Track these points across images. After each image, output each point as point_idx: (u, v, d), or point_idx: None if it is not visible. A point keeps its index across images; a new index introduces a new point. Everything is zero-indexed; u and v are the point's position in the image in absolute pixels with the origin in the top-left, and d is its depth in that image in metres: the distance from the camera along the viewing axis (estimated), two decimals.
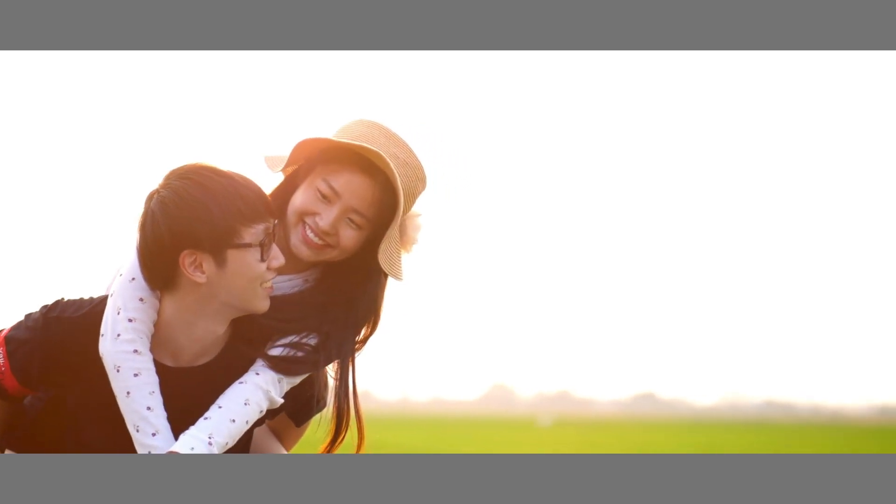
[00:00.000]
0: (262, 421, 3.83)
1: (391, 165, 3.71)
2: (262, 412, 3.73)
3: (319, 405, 3.96)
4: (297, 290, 3.87)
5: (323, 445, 3.95)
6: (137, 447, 3.65)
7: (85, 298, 3.75)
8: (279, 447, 4.12)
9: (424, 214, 3.91)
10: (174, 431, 3.66)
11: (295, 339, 3.79)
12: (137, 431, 3.64)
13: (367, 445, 3.93)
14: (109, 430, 3.69)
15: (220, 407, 3.67)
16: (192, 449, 3.58)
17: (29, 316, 3.73)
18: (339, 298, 3.85)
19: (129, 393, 3.64)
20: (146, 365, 3.65)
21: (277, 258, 3.66)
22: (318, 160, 3.79)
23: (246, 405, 3.69)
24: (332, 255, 3.80)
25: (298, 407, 3.93)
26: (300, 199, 3.78)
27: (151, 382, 3.65)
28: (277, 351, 3.76)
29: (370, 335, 3.92)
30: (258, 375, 3.72)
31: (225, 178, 3.61)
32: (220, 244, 3.58)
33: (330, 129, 3.85)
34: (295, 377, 3.78)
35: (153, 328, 3.69)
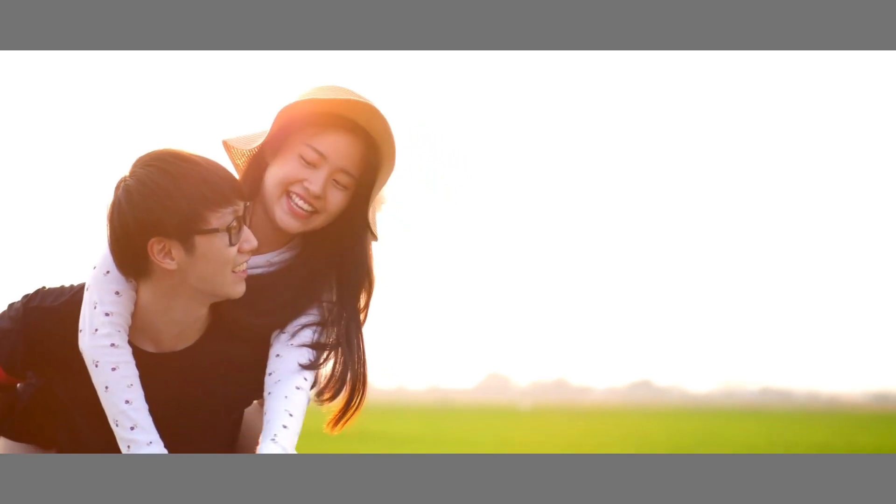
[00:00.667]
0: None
1: (382, 115, 3.69)
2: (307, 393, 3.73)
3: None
4: (276, 269, 3.84)
5: (334, 414, 3.88)
6: (118, 441, 3.64)
7: (66, 286, 3.74)
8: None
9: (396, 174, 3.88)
10: (157, 417, 3.66)
11: (304, 319, 3.76)
12: (117, 426, 3.63)
13: (362, 434, 3.92)
14: (99, 422, 3.69)
15: (290, 415, 3.65)
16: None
17: (11, 306, 3.72)
18: (325, 266, 3.82)
19: (107, 387, 3.63)
20: (124, 358, 3.63)
21: (249, 241, 3.61)
22: (291, 129, 3.74)
23: (301, 399, 3.69)
24: (318, 221, 3.77)
25: None
26: (282, 171, 3.73)
27: (130, 376, 3.63)
28: (290, 339, 3.74)
29: (369, 300, 3.89)
30: (288, 363, 3.71)
31: (190, 163, 3.57)
32: (186, 230, 3.54)
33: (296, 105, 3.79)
34: (319, 357, 3.76)
35: (131, 319, 3.67)
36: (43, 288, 3.74)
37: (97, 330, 3.63)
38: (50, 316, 3.68)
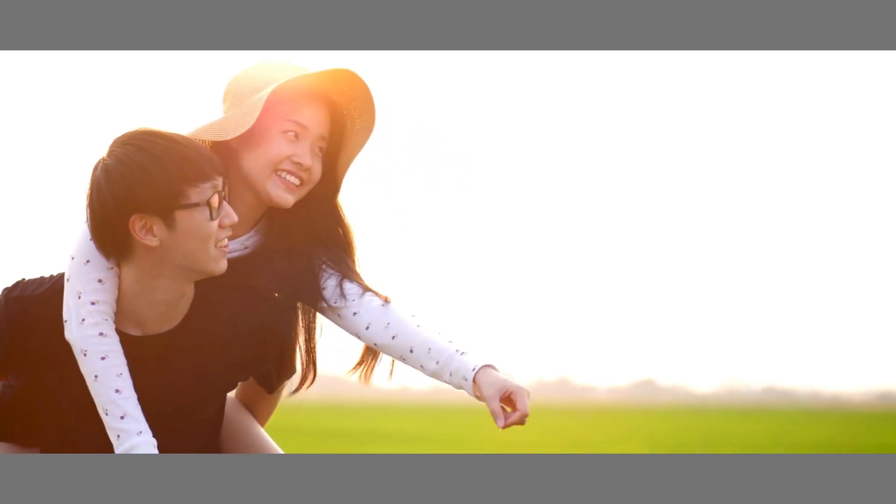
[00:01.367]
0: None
1: (359, 75, 3.78)
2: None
3: (289, 370, 3.94)
4: (251, 250, 3.86)
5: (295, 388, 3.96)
6: (108, 431, 3.65)
7: (45, 277, 3.75)
8: (253, 422, 4.09)
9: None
10: (145, 400, 3.66)
11: (330, 282, 3.83)
12: (107, 415, 3.64)
13: (367, 434, 3.95)
14: (89, 412, 3.69)
15: (439, 332, 3.79)
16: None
17: None
18: (302, 234, 3.86)
19: (96, 377, 3.63)
20: (113, 347, 3.64)
21: (229, 216, 3.65)
22: (264, 112, 3.77)
23: (412, 318, 3.82)
24: (304, 191, 3.83)
25: (267, 371, 3.90)
26: (272, 150, 3.77)
27: (119, 365, 3.64)
28: (351, 300, 3.81)
29: (354, 254, 3.93)
30: (368, 297, 3.81)
31: (166, 139, 3.61)
32: (166, 206, 3.57)
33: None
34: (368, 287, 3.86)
35: (115, 306, 3.68)
36: (22, 279, 3.75)
37: (84, 320, 3.63)
38: (33, 304, 3.69)
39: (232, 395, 4.00)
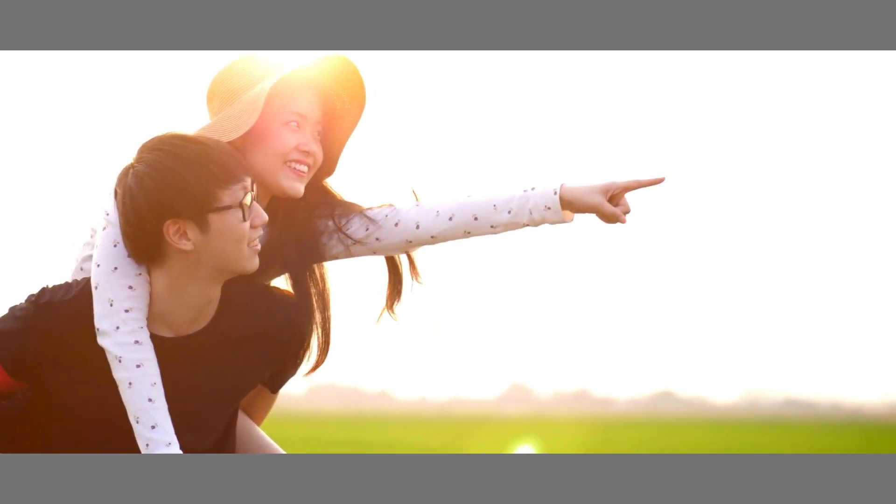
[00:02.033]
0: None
1: (350, 59, 3.83)
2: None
3: (295, 370, 3.95)
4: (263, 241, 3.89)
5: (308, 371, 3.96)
6: (137, 438, 3.66)
7: (70, 282, 3.75)
8: (250, 422, 4.09)
9: None
10: (172, 401, 3.67)
11: (354, 225, 3.89)
12: (137, 422, 3.65)
13: (385, 445, 3.94)
14: (107, 425, 3.70)
15: (491, 192, 3.85)
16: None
17: (14, 308, 3.72)
18: (303, 220, 3.90)
19: (130, 384, 3.65)
20: (148, 356, 3.66)
21: (260, 216, 3.68)
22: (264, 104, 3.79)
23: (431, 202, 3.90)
24: (310, 176, 3.88)
25: (280, 369, 3.91)
26: (278, 142, 3.80)
27: (153, 374, 3.66)
28: (387, 223, 3.88)
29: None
30: (412, 208, 3.89)
31: (196, 143, 3.63)
32: (200, 210, 3.60)
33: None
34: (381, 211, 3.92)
35: (147, 311, 3.69)
36: (47, 286, 3.74)
37: (118, 328, 3.64)
38: (64, 309, 3.69)
39: None
